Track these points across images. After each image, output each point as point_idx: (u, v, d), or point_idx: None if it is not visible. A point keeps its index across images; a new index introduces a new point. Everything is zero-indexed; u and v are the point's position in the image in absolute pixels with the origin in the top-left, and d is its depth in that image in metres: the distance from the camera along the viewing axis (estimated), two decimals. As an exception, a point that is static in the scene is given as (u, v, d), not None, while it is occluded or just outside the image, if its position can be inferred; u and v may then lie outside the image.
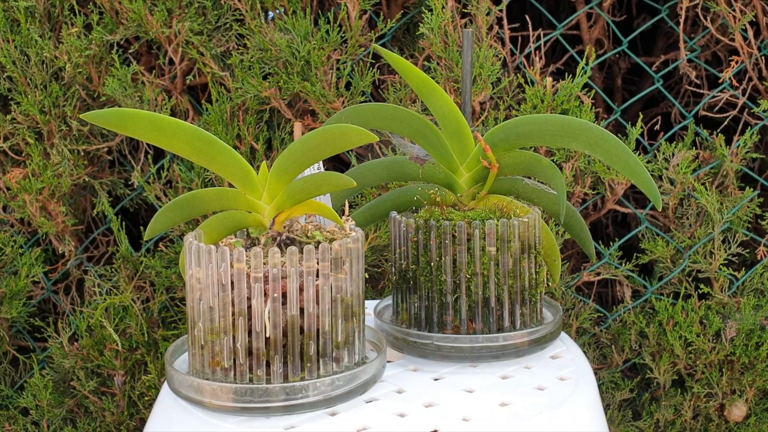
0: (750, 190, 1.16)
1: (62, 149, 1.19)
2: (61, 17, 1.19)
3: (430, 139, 0.77)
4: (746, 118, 1.19)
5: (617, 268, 1.19)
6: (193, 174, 1.18)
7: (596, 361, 1.21)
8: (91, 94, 1.20)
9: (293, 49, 1.11)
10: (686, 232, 1.18)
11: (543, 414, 0.65)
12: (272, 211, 0.69)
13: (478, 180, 0.78)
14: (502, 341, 0.74)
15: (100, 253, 1.31)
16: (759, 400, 1.18)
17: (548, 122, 0.75)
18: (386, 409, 0.67)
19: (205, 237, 0.70)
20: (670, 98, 1.21)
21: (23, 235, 1.26)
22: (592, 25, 1.26)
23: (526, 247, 0.75)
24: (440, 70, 1.12)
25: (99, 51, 1.17)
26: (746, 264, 1.19)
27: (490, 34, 1.13)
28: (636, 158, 0.71)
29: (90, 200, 1.28)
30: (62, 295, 1.29)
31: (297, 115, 1.18)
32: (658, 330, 1.16)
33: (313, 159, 0.67)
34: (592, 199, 1.21)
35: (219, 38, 1.17)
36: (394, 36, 1.22)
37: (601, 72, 1.33)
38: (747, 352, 1.14)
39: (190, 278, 0.66)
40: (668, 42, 1.32)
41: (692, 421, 1.19)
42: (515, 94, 1.16)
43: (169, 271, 1.19)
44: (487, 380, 0.72)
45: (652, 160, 1.17)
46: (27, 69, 1.18)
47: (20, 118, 1.19)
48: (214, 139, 0.66)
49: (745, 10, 1.13)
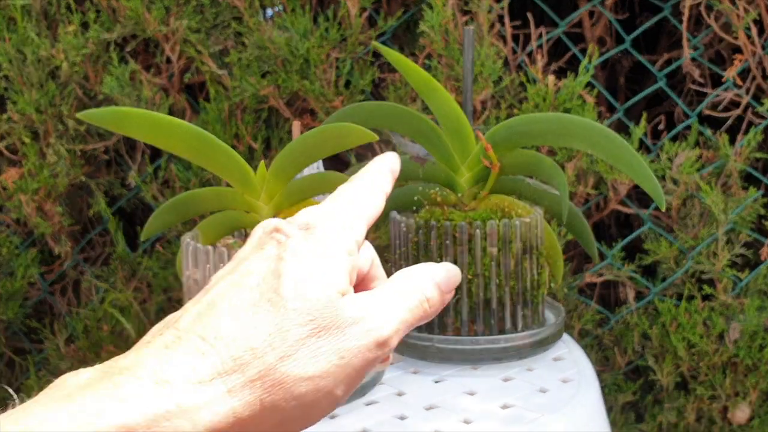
0: (754, 190, 1.15)
1: (59, 149, 1.18)
2: (58, 15, 1.18)
3: (430, 138, 0.77)
4: (750, 117, 1.18)
5: (620, 269, 1.18)
6: (190, 174, 1.18)
7: (599, 363, 1.20)
8: (87, 92, 1.19)
9: (292, 47, 1.11)
10: (690, 232, 1.17)
11: (545, 416, 0.65)
12: (270, 211, 0.68)
13: (479, 180, 0.77)
14: (504, 343, 0.74)
15: (97, 254, 1.30)
16: (762, 402, 1.17)
17: (550, 121, 0.74)
18: (386, 411, 0.66)
19: (202, 237, 0.69)
20: (673, 97, 1.20)
21: (19, 236, 1.26)
22: (594, 23, 1.25)
23: (527, 248, 0.74)
24: (441, 69, 1.11)
25: (96, 49, 1.16)
26: (750, 265, 1.18)
27: (491, 32, 1.12)
28: (639, 158, 0.70)
29: (86, 200, 1.28)
30: (59, 296, 1.28)
31: (296, 113, 1.18)
32: (661, 332, 1.16)
33: (312, 158, 0.67)
34: (594, 199, 1.20)
35: (217, 36, 1.16)
36: (394, 34, 1.21)
37: (603, 70, 1.32)
38: (751, 354, 1.14)
39: (187, 279, 0.66)
40: (671, 40, 1.31)
41: (695, 424, 1.18)
42: (517, 93, 1.15)
43: (166, 272, 1.19)
44: (488, 382, 0.71)
45: (655, 159, 1.17)
46: (23, 68, 1.17)
47: (16, 118, 1.18)
48: (211, 138, 0.66)
49: (749, 8, 1.12)
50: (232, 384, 0.36)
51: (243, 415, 0.36)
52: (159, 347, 0.37)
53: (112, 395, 0.34)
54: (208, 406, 0.35)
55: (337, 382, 0.38)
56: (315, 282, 0.39)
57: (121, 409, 0.34)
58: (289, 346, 0.37)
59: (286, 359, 0.37)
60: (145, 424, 0.34)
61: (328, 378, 0.38)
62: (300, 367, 0.37)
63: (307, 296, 0.38)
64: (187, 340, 0.37)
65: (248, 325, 0.37)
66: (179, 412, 0.35)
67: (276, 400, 0.37)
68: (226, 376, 0.36)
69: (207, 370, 0.36)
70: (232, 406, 0.36)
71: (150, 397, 0.34)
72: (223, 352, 0.36)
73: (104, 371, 0.36)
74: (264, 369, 0.36)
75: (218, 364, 0.36)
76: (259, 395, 0.36)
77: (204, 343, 0.36)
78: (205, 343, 0.37)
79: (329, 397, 0.38)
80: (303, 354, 0.37)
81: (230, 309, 0.38)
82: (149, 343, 0.38)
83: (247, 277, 0.39)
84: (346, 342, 0.38)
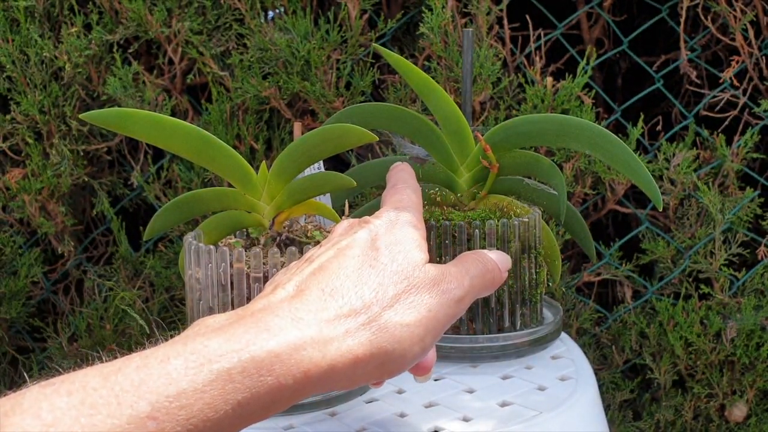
0: (750, 190, 1.15)
1: (62, 149, 1.19)
2: (61, 17, 1.19)
3: (430, 138, 0.77)
4: (747, 118, 1.19)
5: (617, 268, 1.19)
6: (192, 174, 1.18)
7: (597, 362, 1.21)
8: (90, 93, 1.20)
9: (293, 49, 1.11)
10: (687, 232, 1.18)
11: (543, 414, 0.65)
12: (272, 211, 0.69)
13: (478, 180, 0.78)
14: (503, 341, 0.74)
15: (100, 254, 1.30)
16: (759, 400, 1.18)
17: (549, 122, 0.74)
18: (386, 409, 0.67)
19: (204, 237, 0.70)
20: (670, 98, 1.20)
21: (22, 236, 1.26)
22: (592, 24, 1.26)
23: (526, 248, 0.74)
24: (440, 70, 1.12)
25: (98, 51, 1.17)
26: (747, 264, 1.19)
27: (490, 34, 1.13)
28: (637, 158, 0.71)
29: (89, 200, 1.28)
30: (61, 295, 1.29)
31: (297, 114, 1.18)
32: (658, 330, 1.16)
33: (312, 159, 0.67)
34: (592, 200, 1.21)
35: (219, 38, 1.17)
36: (394, 36, 1.22)
37: (601, 72, 1.33)
38: (747, 352, 1.14)
39: (189, 278, 0.66)
40: (669, 42, 1.32)
41: (693, 422, 1.19)
42: (515, 94, 1.16)
43: (168, 272, 1.19)
44: (487, 380, 0.72)
45: (652, 160, 1.17)
46: (26, 69, 1.18)
47: (20, 118, 1.19)
48: (213, 139, 0.66)
49: (746, 9, 1.13)
50: (349, 326, 0.45)
51: (358, 353, 0.45)
52: (284, 297, 0.46)
53: (258, 327, 0.42)
54: (333, 342, 0.44)
55: (427, 330, 0.48)
56: (405, 252, 0.50)
57: (269, 337, 0.42)
58: (389, 299, 0.47)
59: (388, 309, 0.46)
60: (287, 352, 0.42)
61: (420, 327, 0.47)
62: (399, 316, 0.46)
63: (400, 262, 0.49)
64: (309, 291, 0.46)
65: (357, 283, 0.47)
66: (313, 344, 0.43)
67: (382, 341, 0.45)
68: (344, 320, 0.45)
69: (330, 314, 0.45)
70: (350, 344, 0.44)
71: (290, 329, 0.43)
72: (339, 302, 0.45)
73: (239, 315, 0.45)
74: (372, 316, 0.46)
75: (337, 310, 0.45)
76: (368, 337, 0.45)
77: (323, 294, 0.46)
78: (325, 294, 0.46)
79: (421, 343, 0.48)
80: (401, 306, 0.47)
81: (340, 271, 0.47)
82: (269, 294, 0.47)
83: (349, 249, 0.49)
84: (432, 299, 0.48)
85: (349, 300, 0.46)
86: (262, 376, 0.40)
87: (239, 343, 0.41)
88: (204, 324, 0.44)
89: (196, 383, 0.38)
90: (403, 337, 0.46)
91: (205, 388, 0.38)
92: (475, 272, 0.53)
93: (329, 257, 0.49)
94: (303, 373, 0.42)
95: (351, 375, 0.45)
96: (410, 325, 0.47)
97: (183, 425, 0.37)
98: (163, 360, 0.39)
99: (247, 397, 0.40)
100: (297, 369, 0.42)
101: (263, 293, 0.48)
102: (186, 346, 0.40)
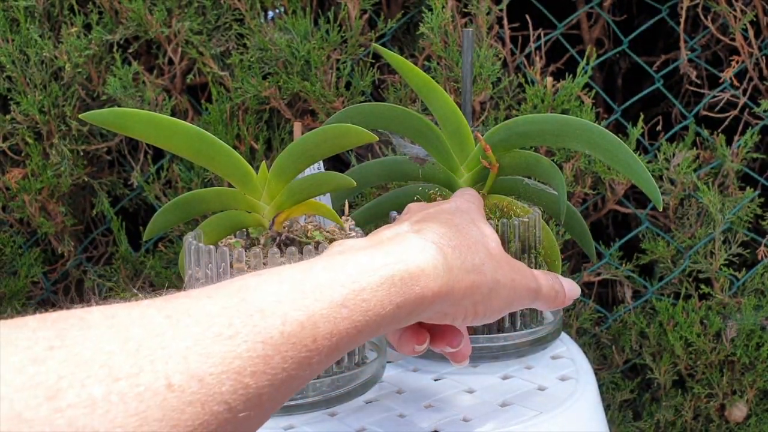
0: (750, 190, 1.16)
1: (62, 149, 1.19)
2: (61, 17, 1.19)
3: (430, 138, 0.77)
4: (747, 118, 1.19)
5: (617, 268, 1.19)
6: (192, 174, 1.18)
7: (597, 362, 1.21)
8: (90, 93, 1.20)
9: (293, 49, 1.11)
10: (687, 232, 1.18)
11: (543, 414, 0.65)
12: (272, 211, 0.69)
13: (478, 180, 0.78)
14: (503, 341, 0.74)
15: (100, 254, 1.30)
16: (759, 400, 1.18)
17: (548, 122, 0.74)
18: (386, 409, 0.67)
19: (204, 237, 0.70)
20: (670, 98, 1.20)
21: (23, 236, 1.26)
22: (592, 24, 1.26)
23: (526, 248, 0.74)
24: (440, 70, 1.12)
25: (98, 51, 1.17)
26: (747, 264, 1.19)
27: (490, 34, 1.13)
28: (637, 158, 0.71)
29: (89, 200, 1.28)
30: (61, 295, 1.29)
31: (296, 114, 1.18)
32: (658, 330, 1.16)
33: (312, 159, 0.67)
34: (592, 200, 1.21)
35: (218, 38, 1.17)
36: (394, 36, 1.22)
37: (601, 72, 1.33)
38: (747, 352, 1.14)
39: (189, 278, 0.66)
40: (669, 42, 1.32)
41: (693, 422, 1.19)
42: (515, 94, 1.16)
43: (168, 271, 1.19)
44: (487, 380, 0.72)
45: (652, 160, 1.17)
46: (26, 69, 1.18)
47: (20, 118, 1.19)
48: (213, 139, 0.66)
49: (746, 9, 1.13)
50: (463, 260, 0.53)
51: (467, 284, 0.53)
52: (403, 234, 0.54)
53: (403, 246, 0.51)
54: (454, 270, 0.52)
55: (511, 292, 0.57)
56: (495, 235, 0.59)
57: (416, 254, 0.51)
58: (483, 255, 0.55)
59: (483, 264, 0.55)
60: (429, 268, 0.51)
61: (506, 287, 0.56)
62: (490, 271, 0.55)
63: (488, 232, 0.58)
64: (428, 228, 0.54)
65: (455, 232, 0.55)
66: (443, 266, 0.52)
67: (476, 282, 0.54)
68: (458, 252, 0.53)
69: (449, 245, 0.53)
70: (463, 274, 0.53)
71: (429, 250, 0.52)
72: (444, 243, 0.53)
73: (375, 240, 0.53)
74: (470, 261, 0.54)
75: (444, 246, 0.53)
76: (466, 274, 0.53)
77: (435, 236, 0.53)
78: (436, 236, 0.53)
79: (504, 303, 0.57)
80: (491, 264, 0.55)
81: (440, 222, 0.55)
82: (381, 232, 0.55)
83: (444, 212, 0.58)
84: (516, 273, 0.58)
85: (451, 241, 0.54)
86: (413, 285, 0.49)
87: (393, 258, 0.49)
88: (347, 245, 0.52)
89: (371, 284, 0.47)
90: (498, 283, 0.56)
91: (377, 288, 0.47)
92: (546, 284, 0.61)
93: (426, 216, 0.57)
94: (439, 287, 0.51)
95: (459, 300, 0.53)
96: (499, 280, 0.56)
97: (363, 315, 0.46)
98: (343, 264, 0.47)
99: (402, 301, 0.48)
100: (435, 284, 0.50)
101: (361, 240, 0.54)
102: (356, 256, 0.49)
